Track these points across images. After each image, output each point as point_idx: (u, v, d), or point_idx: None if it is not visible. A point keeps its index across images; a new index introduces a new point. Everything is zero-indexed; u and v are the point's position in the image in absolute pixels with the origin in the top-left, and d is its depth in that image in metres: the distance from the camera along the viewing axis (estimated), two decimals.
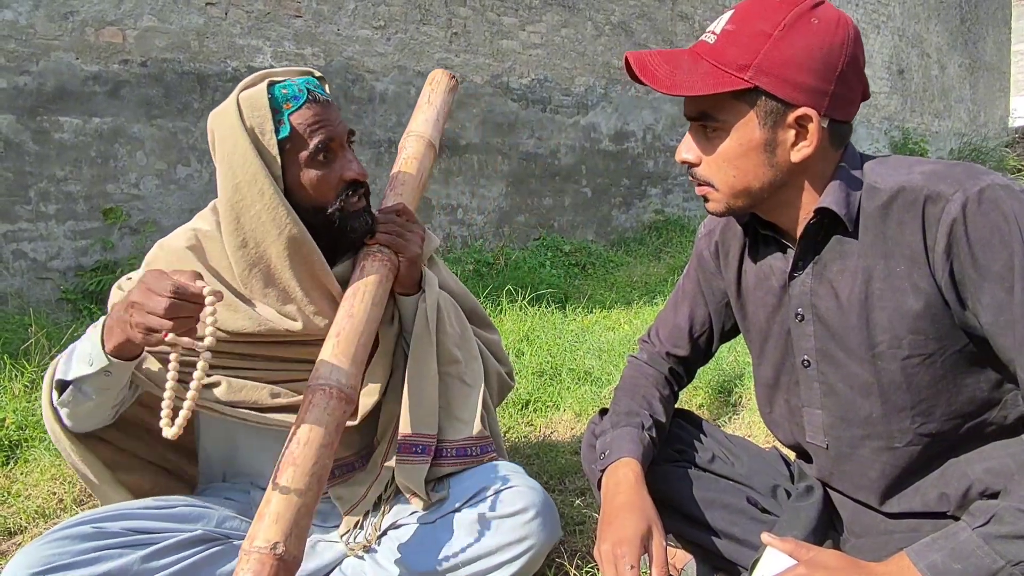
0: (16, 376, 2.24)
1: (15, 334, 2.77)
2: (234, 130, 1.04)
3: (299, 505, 0.90)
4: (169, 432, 0.87)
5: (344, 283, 1.13)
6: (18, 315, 3.07)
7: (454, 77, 1.40)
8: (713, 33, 0.90)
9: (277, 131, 1.05)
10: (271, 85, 1.07)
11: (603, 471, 1.05)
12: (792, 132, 0.88)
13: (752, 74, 0.85)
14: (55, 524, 1.43)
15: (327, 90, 1.12)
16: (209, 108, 3.88)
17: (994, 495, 0.89)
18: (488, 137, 5.17)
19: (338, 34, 4.36)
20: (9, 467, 1.79)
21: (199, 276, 0.89)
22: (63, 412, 1.05)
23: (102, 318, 0.99)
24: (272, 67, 4.08)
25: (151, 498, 1.12)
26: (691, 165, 0.95)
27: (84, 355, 0.97)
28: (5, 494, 1.66)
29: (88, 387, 0.99)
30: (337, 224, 1.11)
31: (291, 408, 1.11)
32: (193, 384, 0.86)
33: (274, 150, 1.05)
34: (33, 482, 1.70)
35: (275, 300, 1.10)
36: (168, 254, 1.12)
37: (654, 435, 1.08)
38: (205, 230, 1.14)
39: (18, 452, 1.85)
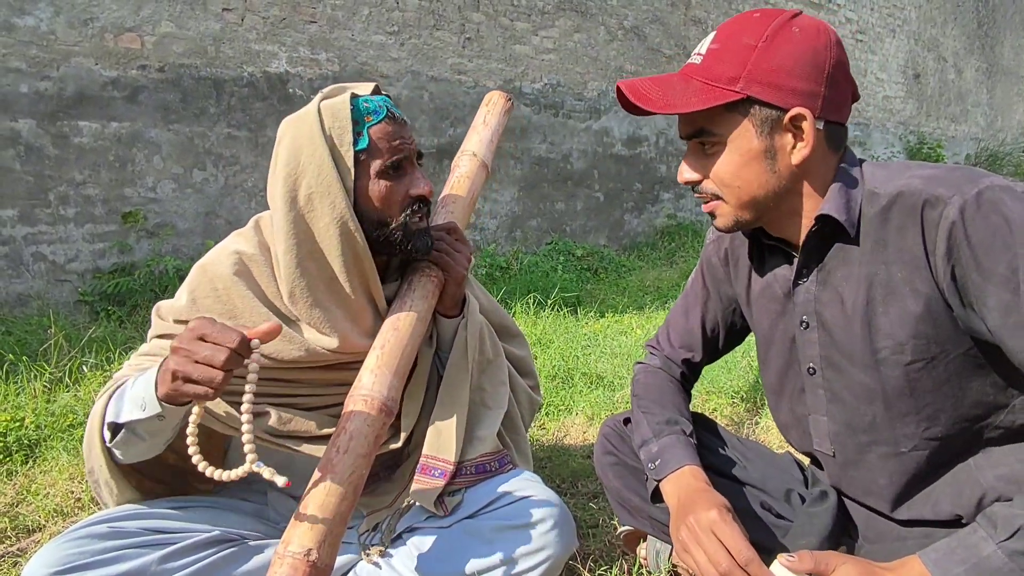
0: (35, 376, 2.27)
1: (34, 335, 2.81)
2: (313, 138, 1.03)
3: (335, 513, 0.90)
4: (230, 475, 0.86)
5: (389, 303, 1.13)
6: (37, 317, 3.12)
7: (510, 99, 1.41)
8: (699, 55, 0.92)
9: (355, 142, 1.05)
10: (353, 97, 1.07)
11: (660, 480, 1.04)
12: (789, 135, 0.89)
13: (743, 85, 0.87)
14: (73, 522, 1.45)
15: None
16: (225, 113, 3.93)
17: (1009, 502, 0.88)
18: (500, 141, 5.18)
19: (352, 39, 4.40)
20: (28, 466, 1.81)
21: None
22: (116, 452, 1.01)
23: (151, 368, 0.94)
24: (287, 72, 4.13)
25: (167, 498, 1.13)
26: (695, 184, 0.96)
27: (136, 399, 0.93)
28: (24, 492, 1.68)
29: (140, 429, 0.96)
30: (399, 240, 1.09)
31: None
32: (245, 428, 0.84)
33: (350, 161, 1.04)
34: (51, 481, 1.72)
35: (322, 319, 1.07)
36: (213, 280, 1.08)
37: (693, 441, 1.09)
38: (249, 253, 1.10)
39: (37, 451, 1.88)
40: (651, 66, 6.05)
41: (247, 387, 0.83)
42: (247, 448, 0.85)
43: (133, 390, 0.95)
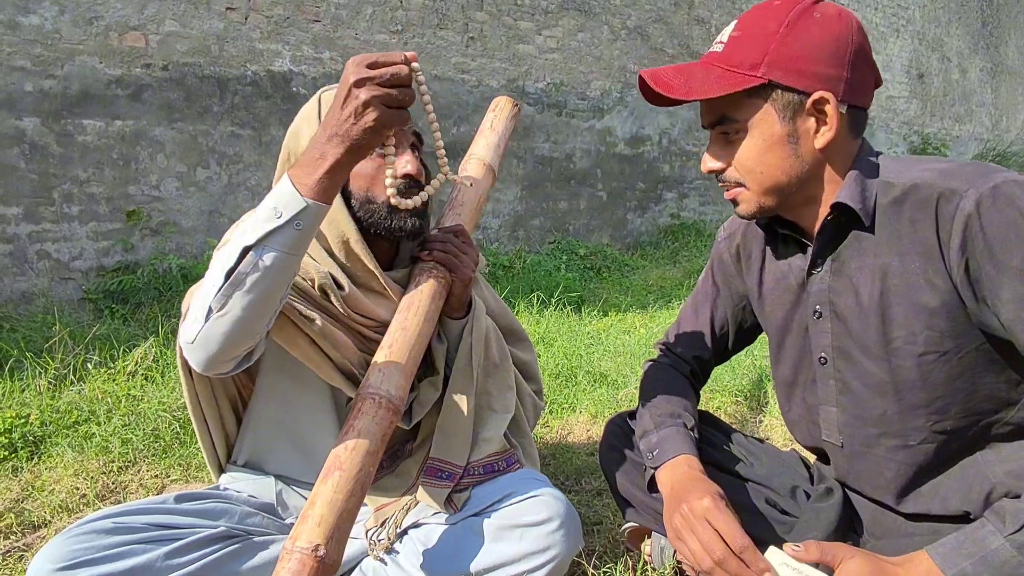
0: (40, 373, 2.28)
1: (39, 332, 2.82)
2: (310, 118, 1.13)
3: (342, 510, 0.91)
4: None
5: (401, 287, 1.15)
6: (42, 314, 3.12)
7: (517, 104, 1.42)
8: (720, 43, 0.92)
9: None
10: None
11: (656, 468, 1.04)
12: (812, 120, 0.89)
13: (764, 70, 0.87)
14: (78, 518, 1.45)
15: None
16: (229, 112, 3.94)
17: (1017, 498, 0.87)
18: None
19: (356, 38, 4.40)
20: (33, 462, 1.82)
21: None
22: (217, 318, 0.90)
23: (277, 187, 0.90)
24: (291, 71, 4.13)
25: (174, 493, 1.14)
26: (719, 172, 0.96)
27: (264, 216, 0.87)
28: (30, 488, 1.69)
29: (270, 251, 0.87)
30: (383, 218, 1.11)
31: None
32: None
33: None
34: (56, 477, 1.73)
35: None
36: None
37: (695, 436, 1.09)
38: None
39: (42, 448, 1.88)
40: (654, 66, 6.04)
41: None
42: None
43: (250, 221, 0.89)
